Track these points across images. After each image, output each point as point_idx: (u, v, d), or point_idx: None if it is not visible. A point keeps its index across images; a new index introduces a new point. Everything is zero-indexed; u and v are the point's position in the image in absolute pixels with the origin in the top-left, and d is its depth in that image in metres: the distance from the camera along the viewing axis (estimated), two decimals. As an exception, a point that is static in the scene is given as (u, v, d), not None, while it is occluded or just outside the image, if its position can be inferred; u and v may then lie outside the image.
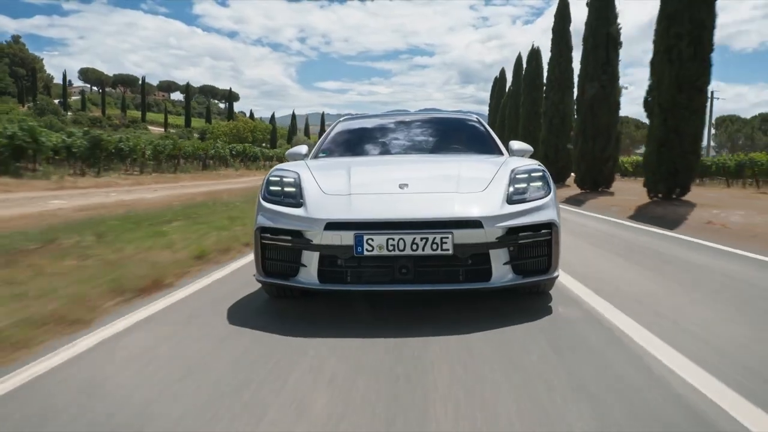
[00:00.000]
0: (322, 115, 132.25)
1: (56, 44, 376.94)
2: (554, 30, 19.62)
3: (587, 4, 15.35)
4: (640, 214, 10.14)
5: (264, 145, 73.23)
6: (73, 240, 4.93)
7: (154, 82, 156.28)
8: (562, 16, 19.36)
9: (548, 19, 19.86)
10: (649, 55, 10.96)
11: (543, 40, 21.63)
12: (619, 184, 18.87)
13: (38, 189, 11.14)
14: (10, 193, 10.06)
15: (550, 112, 19.77)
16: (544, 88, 21.43)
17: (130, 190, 12.53)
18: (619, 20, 15.04)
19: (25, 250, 4.50)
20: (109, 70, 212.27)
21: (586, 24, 15.38)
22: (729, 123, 61.65)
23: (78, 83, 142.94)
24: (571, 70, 18.93)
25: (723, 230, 7.46)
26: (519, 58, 29.52)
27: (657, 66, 10.60)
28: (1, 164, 13.64)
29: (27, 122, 13.59)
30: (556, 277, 2.81)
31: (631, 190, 14.89)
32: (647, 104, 11.11)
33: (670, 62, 10.22)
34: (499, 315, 2.78)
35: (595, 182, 15.32)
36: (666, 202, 10.56)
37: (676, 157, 10.31)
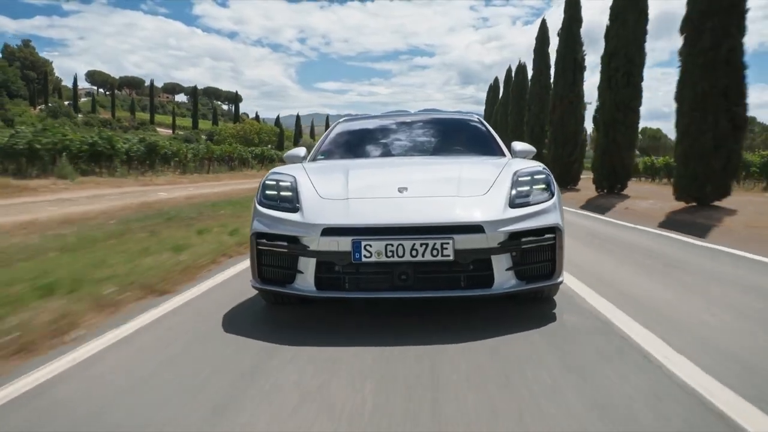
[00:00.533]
0: (327, 117, 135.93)
1: (56, 45, 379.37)
2: (535, 51, 23.00)
3: (558, 35, 18.69)
4: (588, 204, 13.49)
5: (269, 146, 76.22)
6: (215, 212, 8.25)
7: (158, 84, 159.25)
8: (542, 41, 22.72)
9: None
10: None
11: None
12: (588, 183, 22.29)
13: (131, 185, 14.48)
14: (119, 188, 13.40)
15: (531, 121, 23.16)
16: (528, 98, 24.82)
17: (198, 186, 15.93)
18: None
19: (192, 217, 7.80)
20: (110, 71, 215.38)
21: (557, 51, 18.72)
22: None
23: (84, 85, 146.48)
24: (549, 86, 22.20)
25: (633, 213, 10.81)
26: (509, 71, 32.92)
27: (601, 92, 13.96)
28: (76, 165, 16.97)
29: (105, 132, 16.97)
30: (561, 282, 2.77)
31: (592, 188, 18.26)
32: (596, 120, 14.46)
33: (610, 89, 13.58)
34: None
35: (564, 181, 18.64)
36: (608, 195, 13.93)
37: (615, 161, 13.69)
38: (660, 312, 2.97)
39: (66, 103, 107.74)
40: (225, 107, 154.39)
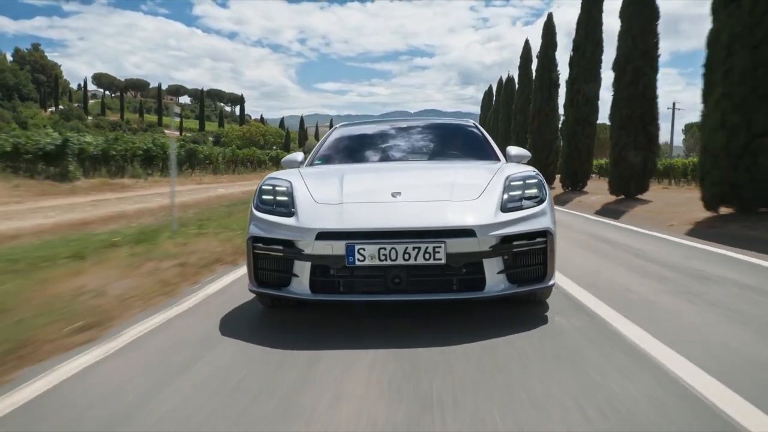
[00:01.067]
0: (331, 120, 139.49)
1: (56, 45, 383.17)
2: (520, 68, 26.42)
3: (537, 56, 22.07)
4: (554, 200, 16.86)
5: (274, 148, 79.45)
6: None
7: (159, 85, 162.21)
8: (526, 59, 26.13)
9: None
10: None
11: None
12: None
13: (188, 183, 17.77)
14: (182, 185, 16.64)
15: (517, 128, 26.57)
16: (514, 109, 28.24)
17: (240, 184, 19.23)
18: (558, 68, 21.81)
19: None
20: (110, 71, 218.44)
21: (536, 70, 22.09)
22: (696, 129, 68.59)
23: (90, 87, 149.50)
24: (531, 100, 25.65)
25: (582, 204, 14.20)
26: (500, 81, 36.33)
27: (566, 109, 17.37)
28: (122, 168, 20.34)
29: (159, 140, 20.28)
30: (552, 285, 2.83)
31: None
32: (561, 132, 17.87)
33: (572, 106, 16.98)
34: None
35: (541, 181, 22.02)
36: (571, 192, 17.33)
37: (576, 165, 17.11)
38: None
39: (75, 105, 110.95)
40: (228, 109, 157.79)
